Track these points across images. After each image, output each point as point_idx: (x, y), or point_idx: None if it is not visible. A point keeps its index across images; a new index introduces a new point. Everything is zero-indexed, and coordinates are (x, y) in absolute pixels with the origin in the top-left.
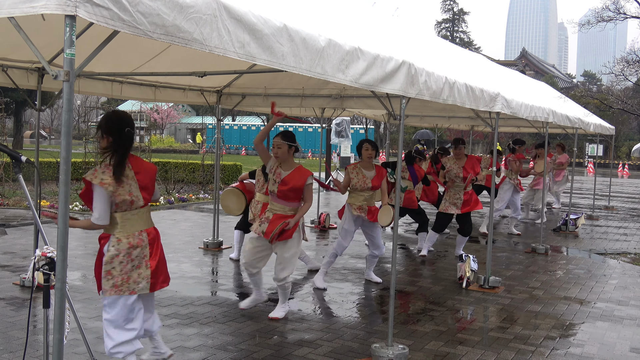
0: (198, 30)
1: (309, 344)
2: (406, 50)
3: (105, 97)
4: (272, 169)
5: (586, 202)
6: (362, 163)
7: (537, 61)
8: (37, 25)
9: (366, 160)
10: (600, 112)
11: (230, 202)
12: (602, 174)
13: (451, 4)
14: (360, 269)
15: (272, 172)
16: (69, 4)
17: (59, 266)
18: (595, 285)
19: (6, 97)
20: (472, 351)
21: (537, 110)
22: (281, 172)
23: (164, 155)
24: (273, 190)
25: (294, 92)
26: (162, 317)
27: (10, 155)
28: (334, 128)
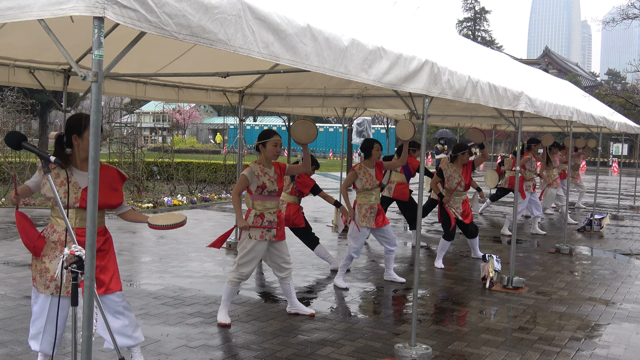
0: (223, 31)
1: (331, 344)
2: (428, 50)
3: (129, 97)
4: (258, 173)
5: (611, 202)
6: (367, 162)
7: (560, 60)
8: (63, 27)
9: (375, 160)
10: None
11: None
12: (627, 174)
13: (472, 2)
14: (382, 269)
15: (261, 174)
16: (97, 6)
17: (87, 264)
18: (621, 286)
19: (32, 99)
20: (496, 352)
21: (561, 109)
22: (269, 171)
23: (186, 155)
24: (275, 189)
25: (316, 92)
26: (185, 316)
27: (39, 155)
28: (355, 128)
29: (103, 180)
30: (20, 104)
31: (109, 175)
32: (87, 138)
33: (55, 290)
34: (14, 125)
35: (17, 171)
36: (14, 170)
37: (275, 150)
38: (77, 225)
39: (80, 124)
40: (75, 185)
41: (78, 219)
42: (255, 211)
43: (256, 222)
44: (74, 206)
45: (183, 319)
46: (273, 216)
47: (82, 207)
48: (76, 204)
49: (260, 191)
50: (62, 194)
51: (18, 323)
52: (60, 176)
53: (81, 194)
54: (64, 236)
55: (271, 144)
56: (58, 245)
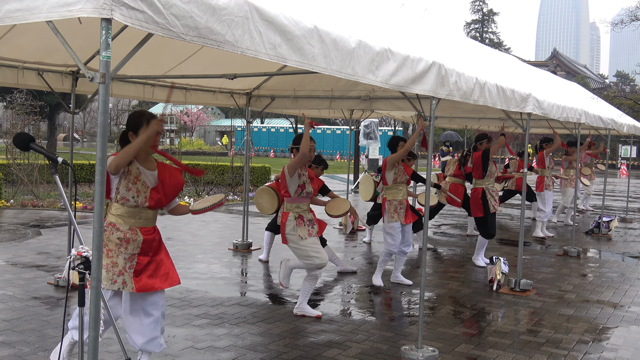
0: (230, 32)
1: (338, 345)
2: (436, 51)
3: (137, 99)
4: (300, 173)
5: (619, 204)
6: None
7: (569, 62)
8: (72, 29)
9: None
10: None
11: (263, 200)
12: (635, 176)
13: (480, 4)
14: (389, 270)
15: (301, 175)
16: (105, 8)
17: (94, 265)
18: (630, 288)
19: (41, 101)
20: (503, 354)
21: (569, 111)
22: (305, 172)
23: (194, 157)
24: (311, 190)
25: (323, 94)
26: (192, 317)
27: (47, 157)
28: (362, 130)
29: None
30: (29, 106)
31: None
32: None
33: (122, 285)
34: (23, 127)
35: (26, 173)
36: (22, 171)
37: (310, 155)
38: (141, 225)
39: (137, 120)
40: (144, 185)
41: (143, 220)
42: (294, 214)
43: (299, 224)
44: (143, 205)
45: (190, 320)
46: (309, 215)
47: (150, 206)
48: (145, 203)
49: (300, 192)
50: (135, 192)
51: (26, 324)
52: (131, 173)
53: (150, 194)
54: (129, 234)
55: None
56: (123, 242)
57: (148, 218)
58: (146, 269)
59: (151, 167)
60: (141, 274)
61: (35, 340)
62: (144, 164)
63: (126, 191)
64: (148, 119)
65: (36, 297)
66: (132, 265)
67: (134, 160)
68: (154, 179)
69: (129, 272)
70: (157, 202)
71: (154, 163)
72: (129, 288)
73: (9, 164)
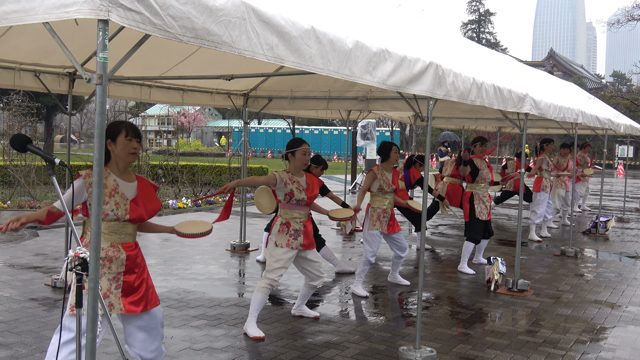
0: (227, 33)
1: (336, 346)
2: (433, 52)
3: (134, 100)
4: (286, 181)
5: (616, 204)
6: (385, 165)
7: (565, 62)
8: (68, 30)
9: (393, 163)
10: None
11: (263, 200)
12: (632, 176)
13: (477, 4)
14: (386, 272)
15: (289, 182)
16: (101, 9)
17: (91, 267)
18: (627, 288)
19: (37, 102)
20: (501, 354)
21: (566, 111)
22: (299, 180)
23: (191, 158)
24: (303, 198)
25: (321, 95)
26: (190, 318)
27: (45, 158)
28: (359, 130)
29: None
30: (26, 108)
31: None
32: (122, 144)
33: (108, 307)
34: (20, 128)
35: (23, 174)
36: (19, 173)
37: (305, 158)
38: (122, 241)
39: (114, 129)
40: (123, 197)
41: (123, 235)
42: (282, 219)
43: (282, 230)
44: (124, 219)
45: (187, 321)
46: (299, 225)
47: (131, 219)
48: (126, 216)
49: (288, 199)
50: (113, 205)
51: (23, 325)
52: (107, 186)
53: (130, 206)
54: (111, 251)
55: (300, 152)
56: (106, 262)
57: (129, 233)
58: (137, 290)
59: (130, 178)
60: (130, 294)
61: (33, 341)
62: (122, 176)
63: (103, 205)
64: (126, 127)
65: (33, 298)
66: (118, 285)
67: (111, 173)
68: (133, 191)
69: (115, 293)
70: (138, 215)
71: (133, 175)
72: (117, 310)
73: (6, 166)
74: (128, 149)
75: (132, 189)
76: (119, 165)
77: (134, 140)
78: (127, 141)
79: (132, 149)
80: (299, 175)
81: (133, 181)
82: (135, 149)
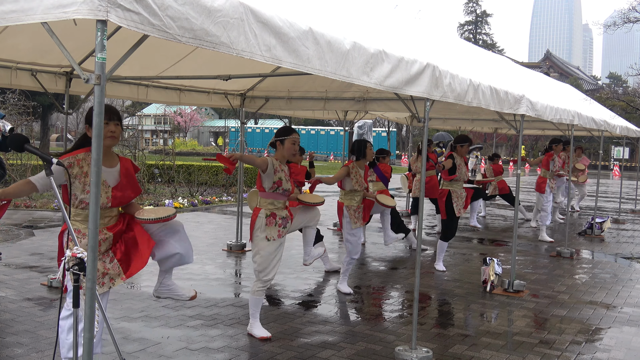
0: (225, 34)
1: (332, 347)
2: (430, 53)
3: (131, 100)
4: (276, 168)
5: (612, 205)
6: (359, 163)
7: (562, 63)
8: (66, 29)
9: (369, 160)
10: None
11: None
12: (628, 177)
13: (474, 5)
14: (382, 272)
15: (279, 170)
16: (100, 9)
17: (89, 266)
18: (622, 289)
19: (33, 101)
20: (497, 355)
21: (562, 113)
22: (285, 168)
23: (188, 158)
24: (289, 188)
25: (317, 95)
26: (186, 319)
27: (42, 158)
28: (355, 131)
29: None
30: (22, 107)
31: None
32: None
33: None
34: (16, 127)
35: (19, 173)
36: (15, 172)
37: (293, 148)
38: (108, 224)
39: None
40: (104, 184)
41: (107, 218)
42: (266, 211)
43: (270, 223)
44: (106, 206)
45: (184, 321)
46: (284, 212)
47: (114, 205)
48: (108, 204)
49: (275, 188)
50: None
51: (19, 325)
52: (88, 174)
53: (112, 193)
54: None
55: (290, 141)
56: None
57: (112, 216)
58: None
59: (112, 163)
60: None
61: (29, 341)
62: (104, 162)
63: (84, 194)
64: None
65: (29, 298)
66: (112, 259)
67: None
68: (115, 176)
69: (112, 267)
70: (119, 202)
71: (116, 159)
72: (119, 281)
73: None
74: (105, 132)
75: (113, 174)
76: None
77: (111, 123)
78: (104, 125)
79: (109, 132)
80: (284, 164)
81: (115, 166)
82: (113, 132)
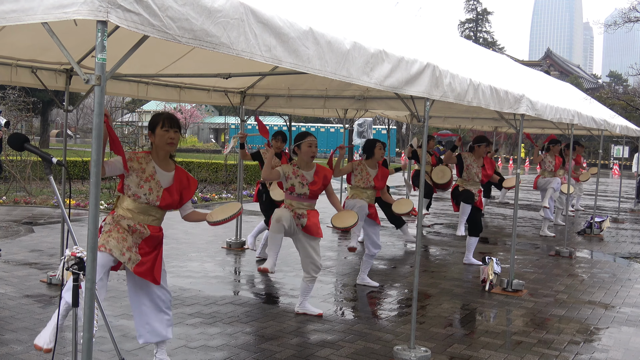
0: (225, 35)
1: (330, 345)
2: (430, 52)
3: (131, 97)
4: (288, 175)
5: (611, 204)
6: (369, 162)
7: (562, 61)
8: (66, 27)
9: (378, 159)
10: (627, 113)
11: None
12: (627, 176)
13: (475, 3)
14: (382, 271)
15: (292, 176)
16: (100, 10)
17: (89, 266)
18: (621, 289)
19: (33, 97)
20: (495, 355)
21: (562, 112)
22: (304, 174)
23: (187, 154)
24: (305, 192)
25: (318, 94)
26: (185, 316)
27: (42, 157)
28: (356, 128)
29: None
30: (22, 103)
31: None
32: (159, 135)
33: (128, 260)
34: (16, 123)
35: (18, 169)
36: (14, 168)
37: (310, 150)
38: (149, 223)
39: (154, 119)
40: (158, 184)
41: (152, 217)
42: (286, 204)
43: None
44: (154, 204)
45: (183, 319)
46: (302, 210)
47: (161, 206)
48: (157, 202)
49: (290, 192)
50: (147, 189)
51: (18, 322)
52: (146, 171)
53: (162, 194)
54: (137, 226)
55: (305, 144)
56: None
57: (157, 217)
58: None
59: (168, 168)
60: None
61: (28, 338)
62: (161, 164)
63: (137, 188)
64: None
65: (29, 295)
66: (137, 250)
67: (152, 159)
68: (169, 179)
69: (134, 251)
70: (168, 203)
71: (172, 165)
72: (130, 266)
73: (2, 161)
74: (165, 139)
75: (168, 177)
76: (159, 154)
77: (171, 130)
78: (164, 132)
79: (168, 139)
80: (307, 169)
81: (171, 171)
82: (172, 139)
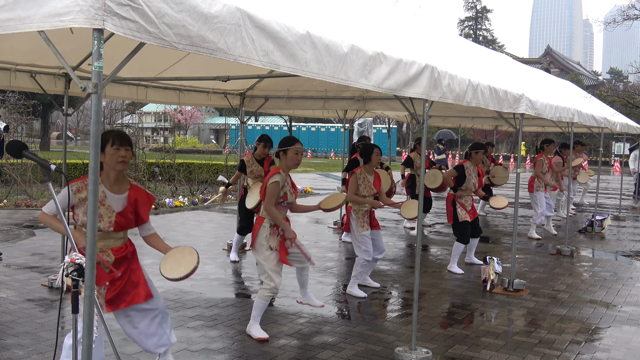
0: (222, 40)
1: (332, 347)
2: (429, 53)
3: (130, 100)
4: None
5: (612, 202)
6: (367, 168)
7: (562, 58)
8: (63, 32)
9: (375, 165)
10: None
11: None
12: (628, 173)
13: (474, 2)
14: (383, 272)
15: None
16: (97, 18)
17: (87, 274)
18: (622, 288)
19: (34, 99)
20: (497, 355)
21: (562, 111)
22: (290, 180)
23: (188, 155)
24: (292, 200)
25: (317, 95)
26: (186, 319)
27: (40, 164)
28: (356, 128)
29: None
30: (22, 105)
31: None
32: (109, 154)
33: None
34: (16, 126)
35: (19, 173)
36: (15, 171)
37: (297, 158)
38: (111, 246)
39: (102, 137)
40: (109, 209)
41: (112, 240)
42: (270, 222)
43: (273, 232)
44: (108, 230)
45: (184, 322)
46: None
47: (116, 230)
48: (110, 228)
49: (281, 202)
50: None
51: (20, 326)
52: None
53: (115, 218)
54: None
55: (293, 151)
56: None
57: (119, 237)
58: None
59: (121, 189)
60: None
61: (30, 343)
62: (112, 188)
63: (86, 216)
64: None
65: (30, 299)
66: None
67: (101, 184)
68: (121, 202)
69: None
70: (122, 228)
71: (126, 186)
72: (102, 302)
73: (2, 164)
74: (116, 157)
75: (120, 200)
76: (110, 175)
77: (122, 148)
78: (115, 150)
79: (119, 157)
80: (287, 176)
81: (124, 192)
82: (124, 157)
